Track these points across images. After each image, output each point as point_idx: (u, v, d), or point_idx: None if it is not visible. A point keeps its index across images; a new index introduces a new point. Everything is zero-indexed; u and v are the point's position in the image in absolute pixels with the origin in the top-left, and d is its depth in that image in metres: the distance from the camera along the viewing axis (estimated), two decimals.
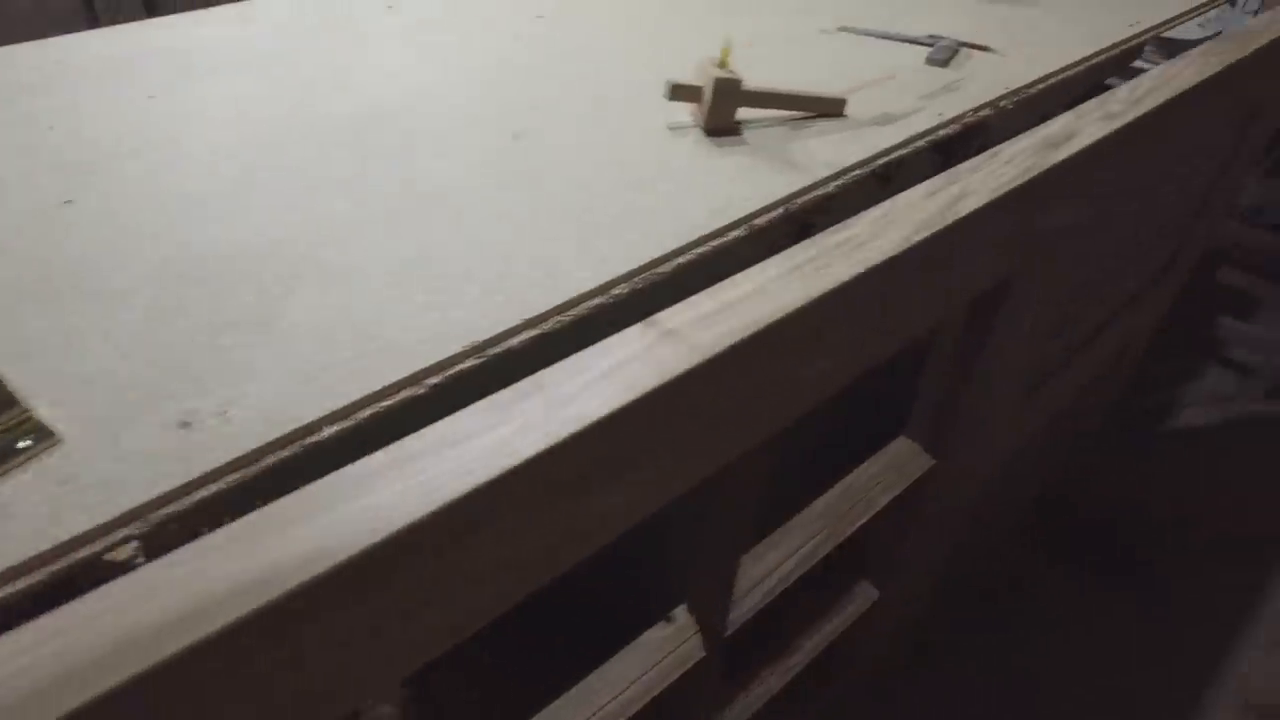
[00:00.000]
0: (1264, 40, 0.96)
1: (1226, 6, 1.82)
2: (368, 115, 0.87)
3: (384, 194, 0.72)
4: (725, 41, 0.82)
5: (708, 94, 0.81)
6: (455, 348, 0.55)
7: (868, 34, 1.11)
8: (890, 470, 0.85)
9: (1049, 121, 0.71)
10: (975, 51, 1.07)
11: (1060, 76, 1.02)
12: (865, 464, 0.86)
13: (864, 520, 0.82)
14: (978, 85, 0.96)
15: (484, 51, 1.04)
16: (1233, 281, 2.54)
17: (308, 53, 1.03)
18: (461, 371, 0.54)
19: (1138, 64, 1.55)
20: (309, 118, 0.86)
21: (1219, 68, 0.88)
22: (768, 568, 0.75)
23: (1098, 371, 1.38)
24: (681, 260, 0.65)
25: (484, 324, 0.56)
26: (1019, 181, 0.62)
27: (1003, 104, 0.94)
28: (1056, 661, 1.53)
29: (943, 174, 0.62)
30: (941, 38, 1.08)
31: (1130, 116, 0.75)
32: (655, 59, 1.02)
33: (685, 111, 0.86)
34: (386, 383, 0.52)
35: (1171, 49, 1.91)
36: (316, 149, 0.79)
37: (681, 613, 0.73)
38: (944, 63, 1.01)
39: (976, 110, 0.91)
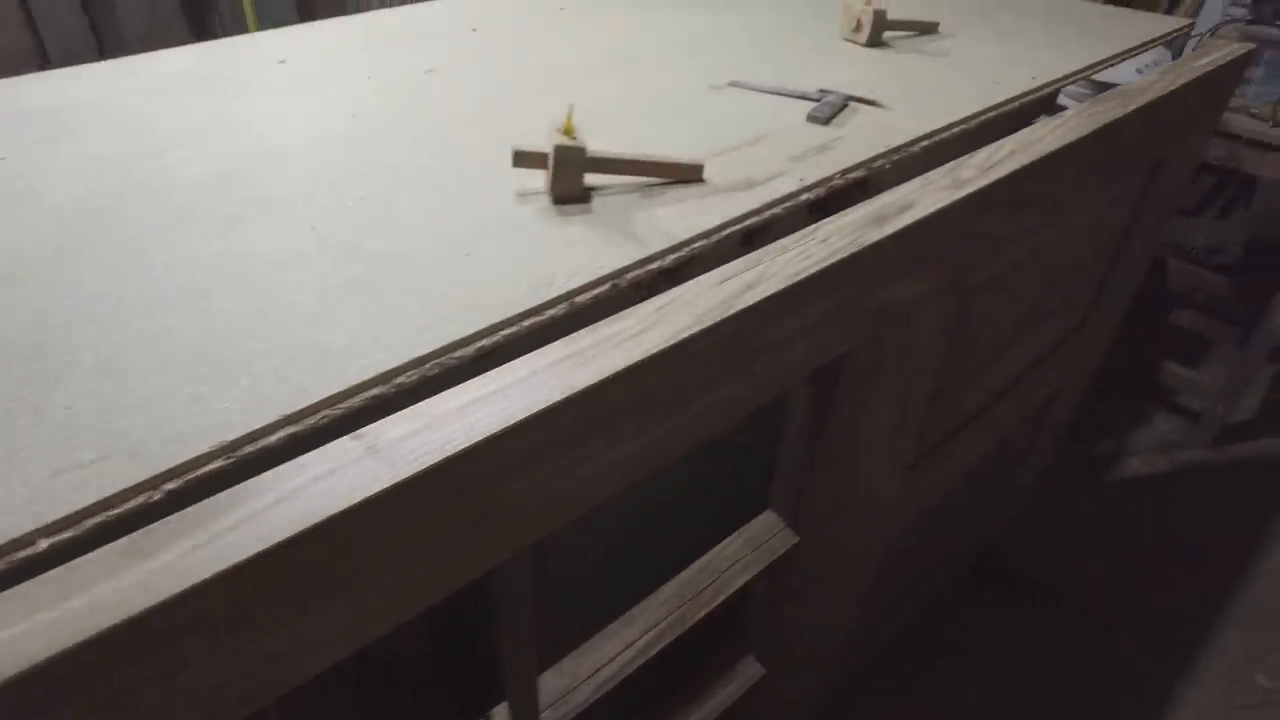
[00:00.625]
0: (1145, 99, 0.94)
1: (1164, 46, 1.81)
2: (213, 180, 0.84)
3: (189, 271, 0.69)
4: (569, 106, 0.79)
5: (551, 162, 0.78)
6: (203, 447, 0.51)
7: (758, 89, 1.09)
8: (749, 548, 0.81)
9: (888, 191, 0.69)
10: (864, 106, 1.05)
11: (943, 135, 0.99)
12: (726, 541, 0.82)
13: (718, 603, 0.78)
14: (853, 145, 0.94)
15: (356, 109, 1.01)
16: (1187, 323, 2.52)
17: (178, 111, 1.01)
18: (207, 474, 0.51)
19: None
20: (149, 185, 0.83)
21: (1090, 129, 0.85)
22: (602, 659, 0.71)
23: (1022, 422, 1.35)
24: (485, 343, 0.62)
25: (241, 420, 0.53)
26: (835, 259, 0.60)
27: (878, 164, 0.92)
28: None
29: (744, 258, 0.59)
30: (831, 92, 1.06)
31: (980, 184, 0.72)
32: (533, 119, 1.00)
33: (541, 177, 0.83)
34: (117, 489, 0.48)
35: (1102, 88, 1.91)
36: (139, 223, 0.77)
37: (501, 711, 0.69)
38: (825, 120, 0.99)
39: (845, 173, 0.88)
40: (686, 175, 0.84)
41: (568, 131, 0.79)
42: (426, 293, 0.66)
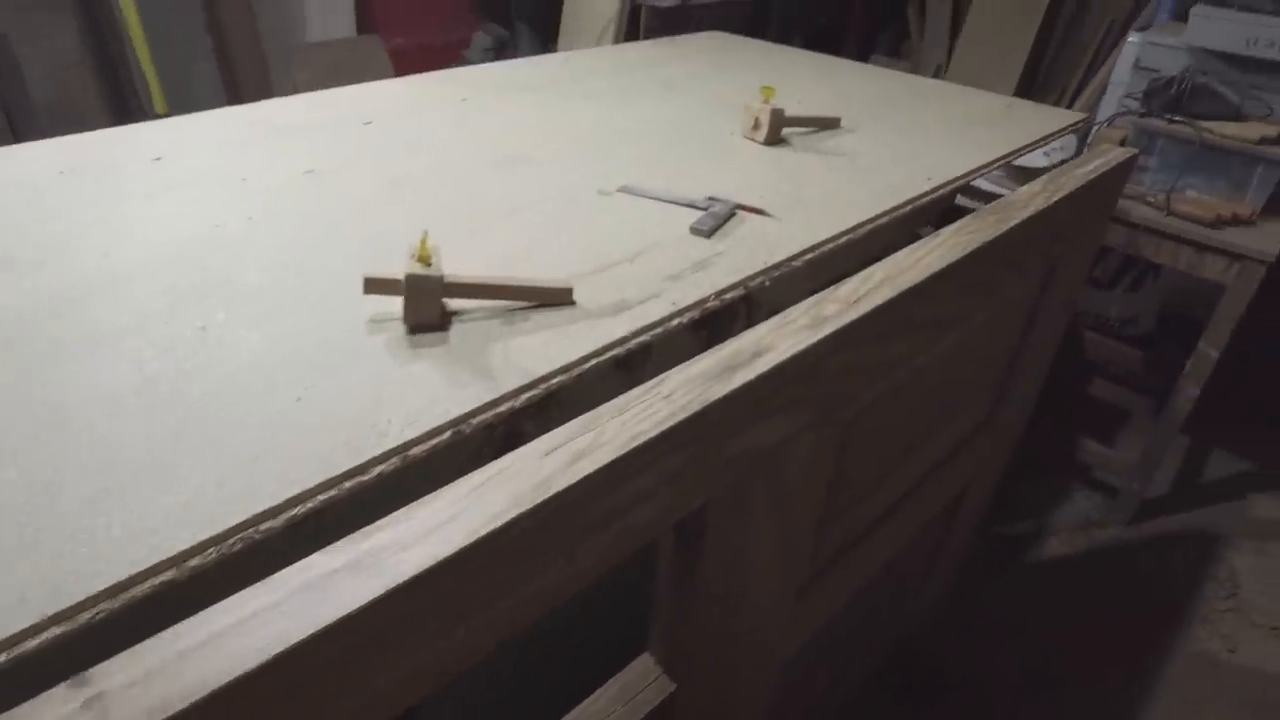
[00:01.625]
0: (1027, 212, 0.94)
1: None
2: (39, 306, 0.77)
3: None
4: (423, 232, 0.75)
5: (403, 289, 0.73)
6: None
7: (647, 196, 1.07)
8: (621, 700, 0.75)
9: (740, 335, 0.65)
10: (751, 215, 1.03)
11: (829, 246, 0.98)
12: (597, 693, 0.76)
13: None
14: (734, 260, 0.91)
15: (221, 218, 0.96)
16: (1104, 395, 2.57)
17: (24, 217, 0.94)
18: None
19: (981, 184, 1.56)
20: None
21: (968, 249, 0.84)
22: None
23: (929, 521, 1.32)
24: (298, 511, 0.56)
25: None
26: (679, 418, 0.56)
27: (757, 281, 0.89)
28: None
29: (576, 420, 0.54)
30: (718, 200, 1.04)
31: (844, 320, 0.69)
32: (408, 227, 0.95)
33: (396, 302, 0.78)
34: None
35: (1023, 175, 1.95)
36: None
37: None
38: (709, 233, 0.97)
39: (721, 294, 0.85)
40: (556, 299, 0.80)
41: (422, 257, 0.74)
42: (242, 449, 0.60)
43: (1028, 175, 2.33)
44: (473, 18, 3.00)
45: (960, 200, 1.47)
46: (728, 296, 0.86)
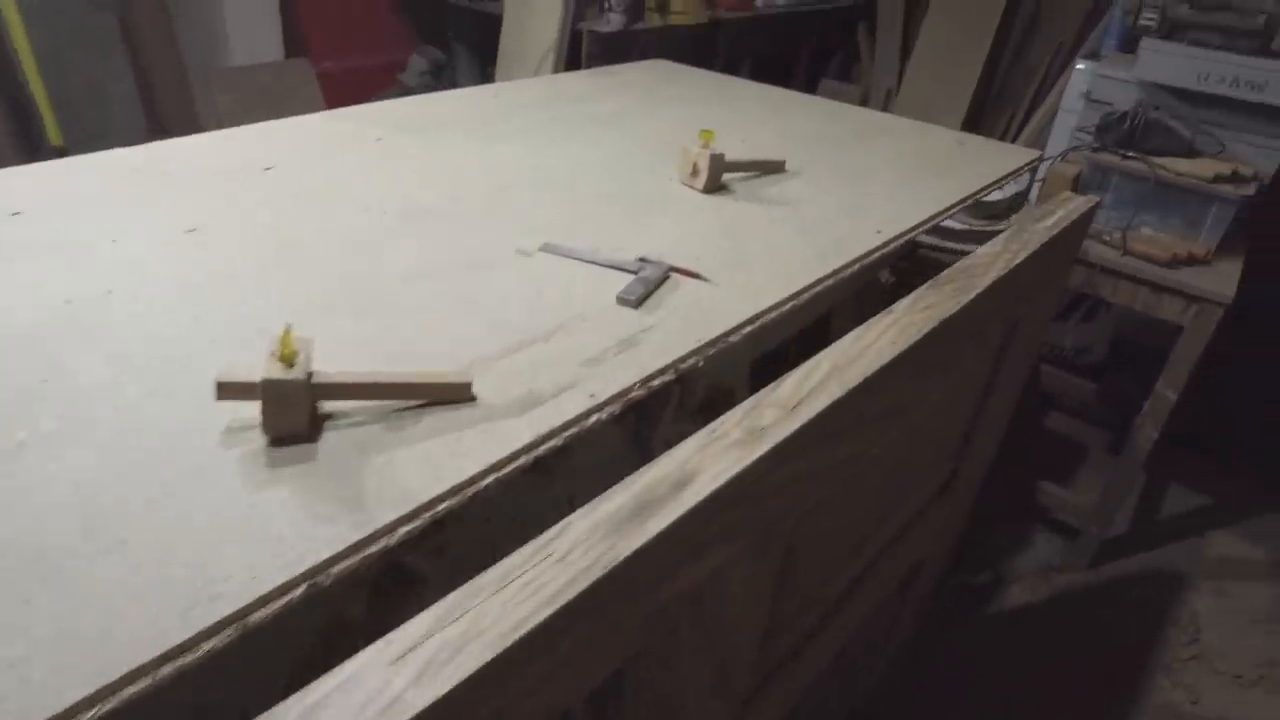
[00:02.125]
0: (990, 278, 0.85)
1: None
2: None
3: None
4: (286, 326, 0.63)
5: (259, 395, 0.61)
6: None
7: (571, 256, 0.96)
8: None
9: (660, 459, 0.55)
10: (686, 279, 0.93)
11: (771, 315, 0.88)
12: None
13: None
14: (664, 337, 0.81)
15: (75, 292, 0.83)
16: (1061, 428, 2.52)
17: None
18: None
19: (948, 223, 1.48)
20: None
21: (927, 328, 0.75)
22: None
23: (883, 599, 1.23)
24: (93, 714, 0.44)
25: None
26: (578, 589, 0.45)
27: (689, 363, 0.79)
28: None
29: (442, 604, 0.43)
30: (650, 262, 0.94)
31: (786, 430, 0.59)
32: (293, 303, 0.83)
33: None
34: None
35: (980, 207, 1.89)
36: None
37: None
38: (637, 302, 0.86)
39: (647, 381, 0.75)
40: (452, 395, 0.69)
41: (284, 356, 0.63)
42: (33, 622, 0.48)
43: (985, 208, 2.28)
44: (410, 40, 2.88)
45: (922, 236, 1.38)
46: (656, 383, 0.75)
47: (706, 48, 2.77)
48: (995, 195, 2.03)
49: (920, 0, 3.30)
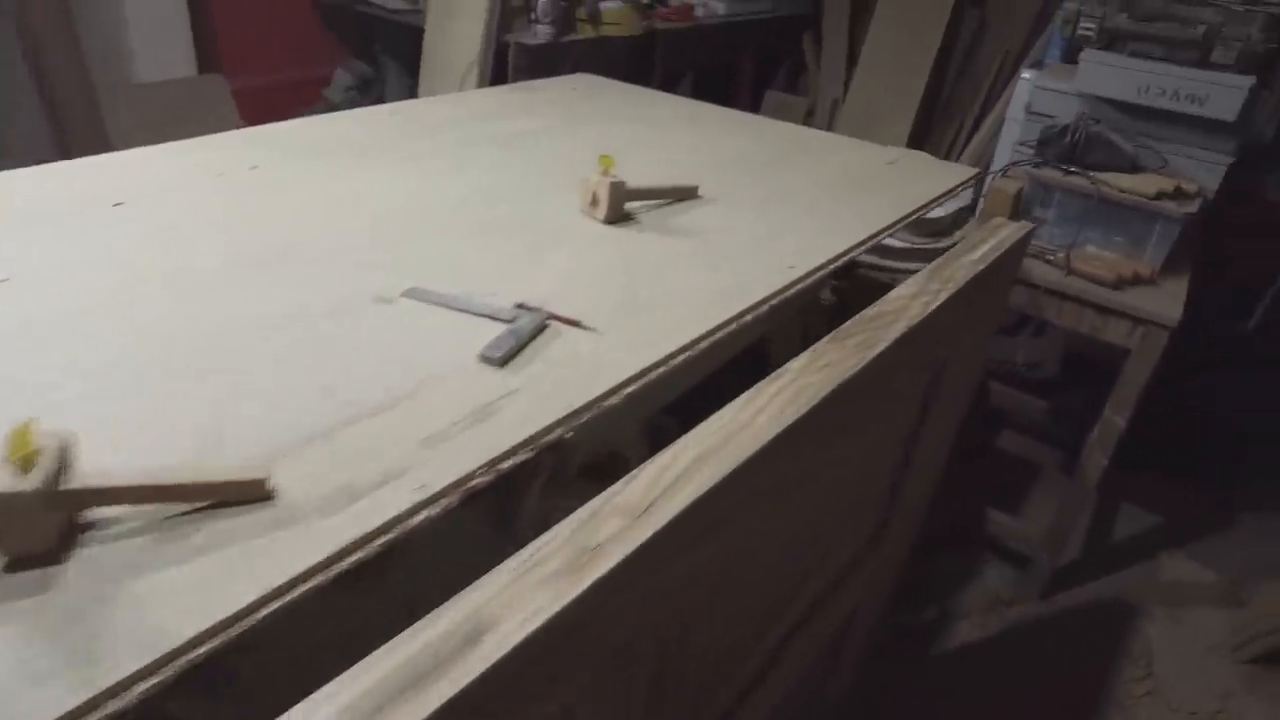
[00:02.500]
0: (902, 327, 0.75)
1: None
2: None
3: None
4: (26, 422, 0.51)
5: None
6: None
7: (439, 303, 0.85)
8: None
9: (448, 605, 0.44)
10: (567, 328, 0.82)
11: (658, 371, 0.77)
12: None
13: None
14: (527, 404, 0.70)
15: None
16: (1012, 446, 2.46)
17: None
18: None
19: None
20: None
21: (824, 392, 0.65)
22: None
23: (820, 649, 1.13)
24: None
25: None
26: None
27: (552, 437, 0.68)
28: None
29: None
30: (527, 310, 0.83)
31: (629, 546, 0.48)
32: (80, 380, 0.71)
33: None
34: None
35: (919, 224, 1.80)
36: None
37: None
38: (503, 360, 0.75)
39: (496, 463, 0.64)
40: (242, 495, 0.57)
41: (23, 457, 0.51)
42: None
43: (927, 225, 2.20)
44: (335, 54, 2.74)
45: (863, 256, 1.28)
46: (507, 465, 0.64)
47: (644, 60, 2.67)
48: (938, 212, 1.94)
49: (867, 7, 3.24)
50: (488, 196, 1.13)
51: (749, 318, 0.89)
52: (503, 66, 2.22)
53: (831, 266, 1.03)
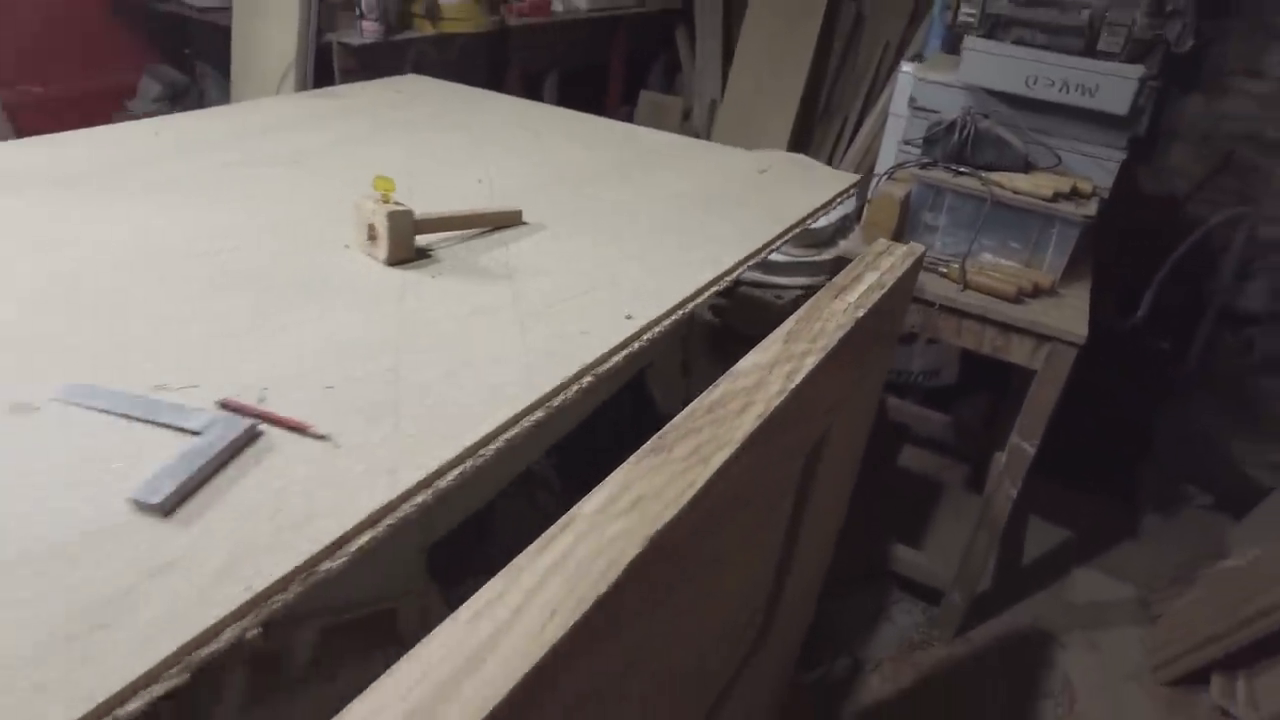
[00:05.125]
0: (752, 422, 0.53)
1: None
2: None
3: None
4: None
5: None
6: None
7: (104, 409, 0.57)
8: None
9: None
10: (290, 436, 0.56)
11: (421, 498, 0.53)
12: None
13: None
14: (194, 585, 0.44)
15: None
16: (916, 463, 2.32)
17: None
18: None
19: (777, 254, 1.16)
20: None
21: (642, 544, 0.41)
22: None
23: None
24: None
25: None
26: None
27: (222, 645, 0.42)
28: None
29: None
30: (235, 409, 0.57)
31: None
32: None
33: None
34: None
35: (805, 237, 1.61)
36: None
37: None
38: (164, 507, 0.49)
39: (123, 699, 0.38)
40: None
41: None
42: None
43: (808, 235, 2.02)
44: (141, 58, 2.36)
45: (746, 273, 1.05)
46: (135, 708, 0.38)
47: (497, 59, 2.40)
48: (820, 221, 1.75)
49: (739, 3, 3.07)
50: (237, 235, 0.85)
51: (567, 397, 0.65)
52: (328, 69, 1.91)
53: (681, 313, 0.81)
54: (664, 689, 0.57)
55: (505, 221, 0.93)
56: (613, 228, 0.95)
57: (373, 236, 0.81)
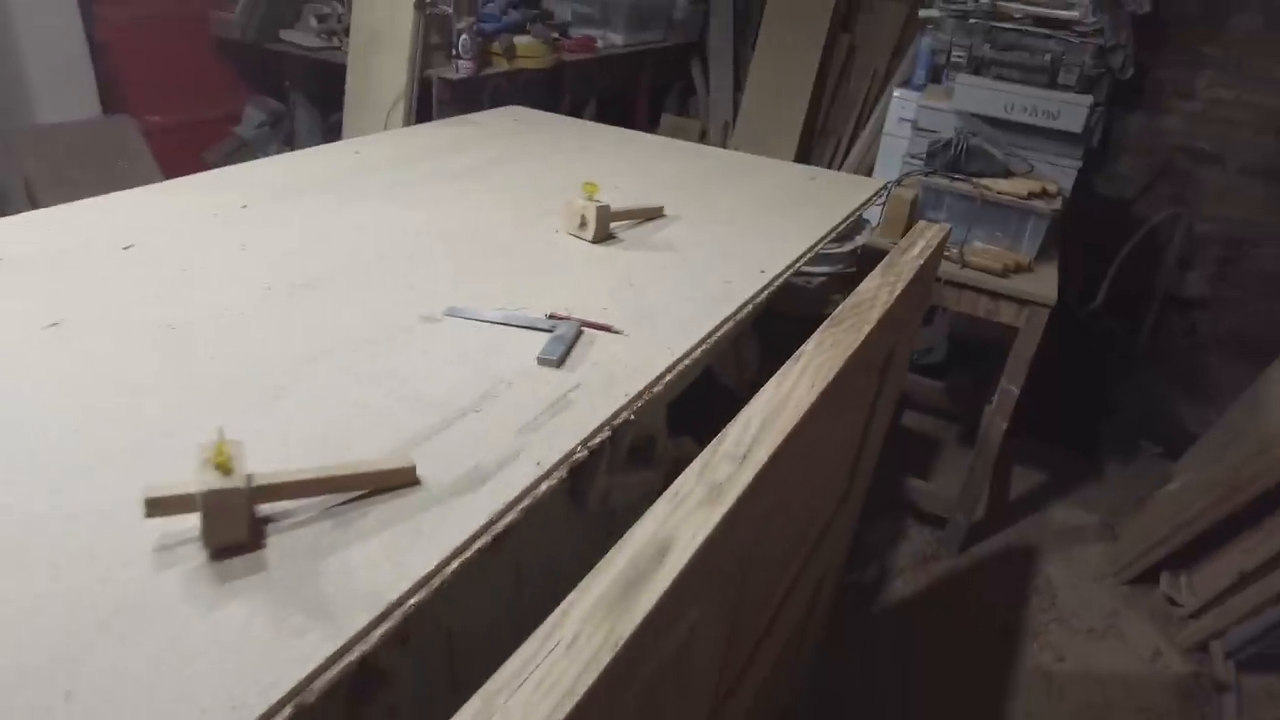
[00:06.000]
0: (876, 315, 0.93)
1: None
2: None
3: None
4: (218, 431, 0.60)
5: (200, 508, 0.58)
6: None
7: (479, 319, 0.96)
8: None
9: (627, 541, 0.56)
10: (599, 334, 0.95)
11: (685, 362, 0.92)
12: None
13: None
14: (592, 395, 0.83)
15: None
16: (915, 424, 2.73)
17: None
18: None
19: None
20: None
21: (838, 365, 0.80)
22: None
23: (799, 618, 1.29)
24: None
25: None
26: (595, 674, 0.45)
27: (623, 417, 0.81)
28: None
29: (463, 712, 0.43)
30: (562, 320, 0.96)
31: (743, 481, 0.62)
32: (188, 411, 0.78)
33: (194, 517, 0.62)
34: None
35: None
36: None
37: None
38: (559, 361, 0.88)
39: (590, 438, 0.76)
40: (395, 482, 0.67)
41: (220, 463, 0.59)
42: None
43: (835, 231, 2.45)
44: (243, 90, 2.73)
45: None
46: (595, 442, 0.77)
47: (553, 89, 2.81)
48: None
49: (746, 39, 3.50)
50: (476, 223, 1.24)
51: (741, 315, 1.05)
52: (426, 100, 2.30)
53: (794, 268, 1.21)
54: (805, 509, 0.96)
55: (654, 215, 1.32)
56: (725, 217, 1.35)
57: (583, 224, 1.20)
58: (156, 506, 0.58)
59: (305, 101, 2.75)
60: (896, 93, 2.52)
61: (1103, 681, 1.86)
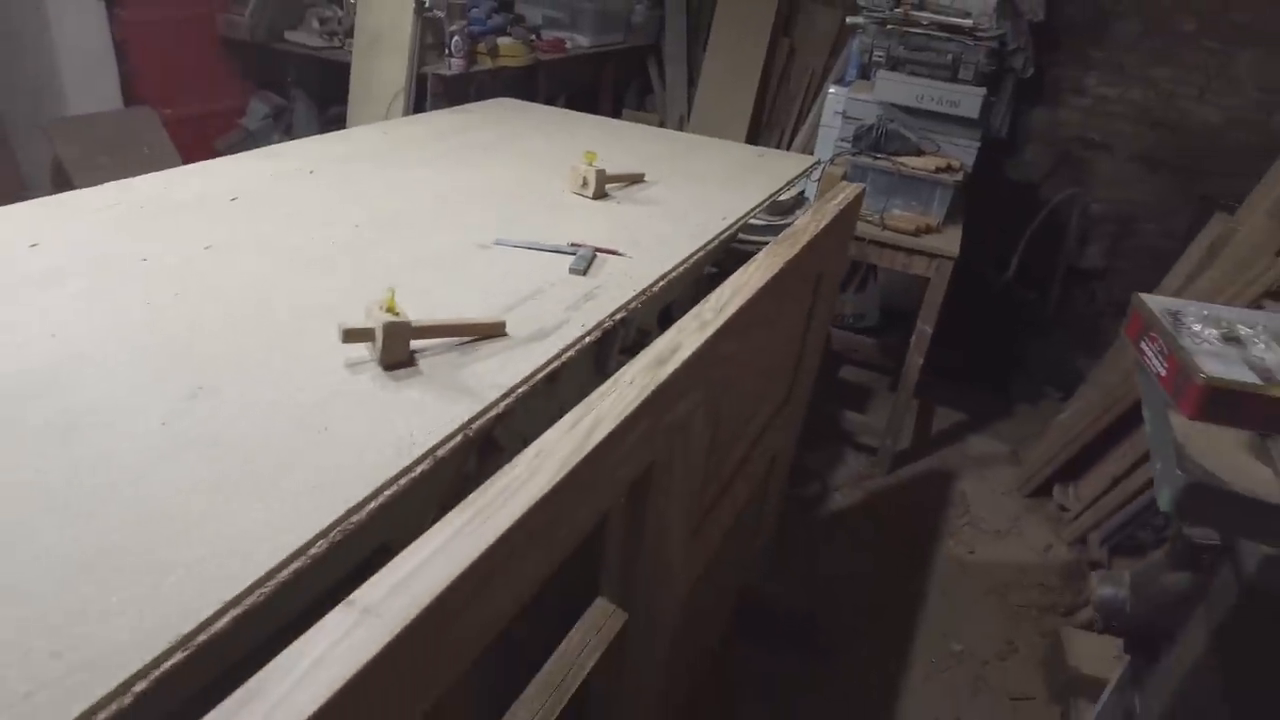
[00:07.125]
0: (807, 238, 1.29)
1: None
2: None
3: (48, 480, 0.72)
4: (389, 288, 0.94)
5: (378, 336, 0.91)
6: (161, 645, 0.58)
7: (520, 246, 1.30)
8: (591, 632, 0.97)
9: (656, 341, 0.91)
10: (610, 256, 1.30)
11: (672, 275, 1.27)
12: (571, 632, 0.98)
13: (580, 683, 0.93)
14: (611, 291, 1.18)
15: (152, 296, 1.05)
16: (851, 377, 3.13)
17: None
18: (170, 670, 0.57)
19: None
20: None
21: (779, 266, 1.17)
22: None
23: (756, 484, 1.66)
24: (374, 505, 0.74)
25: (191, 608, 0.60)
26: (642, 398, 0.80)
27: (633, 305, 1.16)
28: None
29: (581, 404, 0.77)
30: (581, 245, 1.30)
31: (719, 322, 0.98)
32: (338, 285, 1.11)
33: (362, 347, 0.95)
34: (85, 707, 0.54)
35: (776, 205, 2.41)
36: None
37: None
38: (584, 271, 1.22)
39: (613, 314, 1.11)
40: (492, 332, 1.01)
41: (390, 308, 0.93)
42: (303, 472, 0.76)
43: (776, 206, 2.84)
44: (247, 85, 3.00)
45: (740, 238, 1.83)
46: (617, 317, 1.12)
47: (530, 84, 3.14)
48: (785, 195, 2.57)
49: (698, 41, 3.88)
50: (501, 183, 1.58)
51: (711, 245, 1.41)
52: (421, 94, 2.61)
53: (747, 216, 1.58)
54: (760, 382, 1.33)
55: (637, 180, 1.68)
56: (695, 180, 1.71)
57: (585, 184, 1.55)
58: (349, 335, 0.91)
59: (305, 96, 3.04)
60: (831, 89, 2.91)
61: (1005, 567, 2.27)
